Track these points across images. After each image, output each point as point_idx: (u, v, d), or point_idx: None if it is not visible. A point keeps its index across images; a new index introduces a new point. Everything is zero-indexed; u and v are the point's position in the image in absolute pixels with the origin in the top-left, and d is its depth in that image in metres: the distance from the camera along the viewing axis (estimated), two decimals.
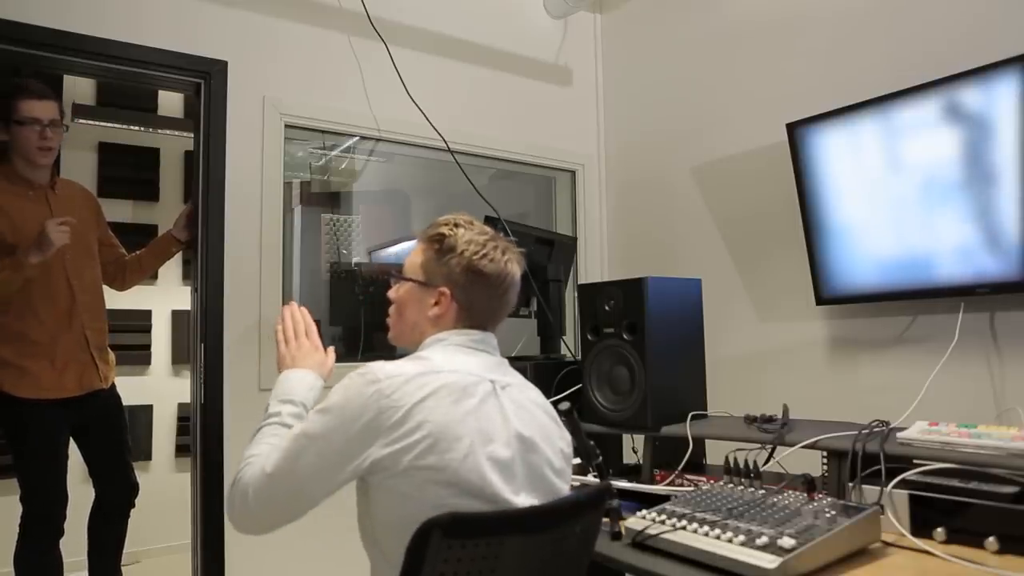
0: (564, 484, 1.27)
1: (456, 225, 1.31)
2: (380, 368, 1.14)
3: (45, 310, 2.35)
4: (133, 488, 2.58)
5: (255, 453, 1.20)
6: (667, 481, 1.86)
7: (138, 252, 2.75)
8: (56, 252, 2.28)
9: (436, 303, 1.29)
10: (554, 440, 1.27)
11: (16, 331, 2.31)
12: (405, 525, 1.02)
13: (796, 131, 2.31)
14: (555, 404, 1.39)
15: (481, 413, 1.16)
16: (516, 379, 1.30)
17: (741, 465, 1.58)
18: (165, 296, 4.28)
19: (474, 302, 1.29)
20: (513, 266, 1.32)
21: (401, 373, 1.14)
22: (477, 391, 1.18)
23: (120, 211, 4.13)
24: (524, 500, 1.16)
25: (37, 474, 2.33)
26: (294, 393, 1.31)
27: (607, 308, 2.02)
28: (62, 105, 2.50)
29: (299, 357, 1.38)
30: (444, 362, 1.20)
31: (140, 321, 4.26)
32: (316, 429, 1.12)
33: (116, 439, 2.57)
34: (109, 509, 2.55)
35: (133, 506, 2.59)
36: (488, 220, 2.42)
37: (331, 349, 1.45)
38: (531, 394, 1.29)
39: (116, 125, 4.19)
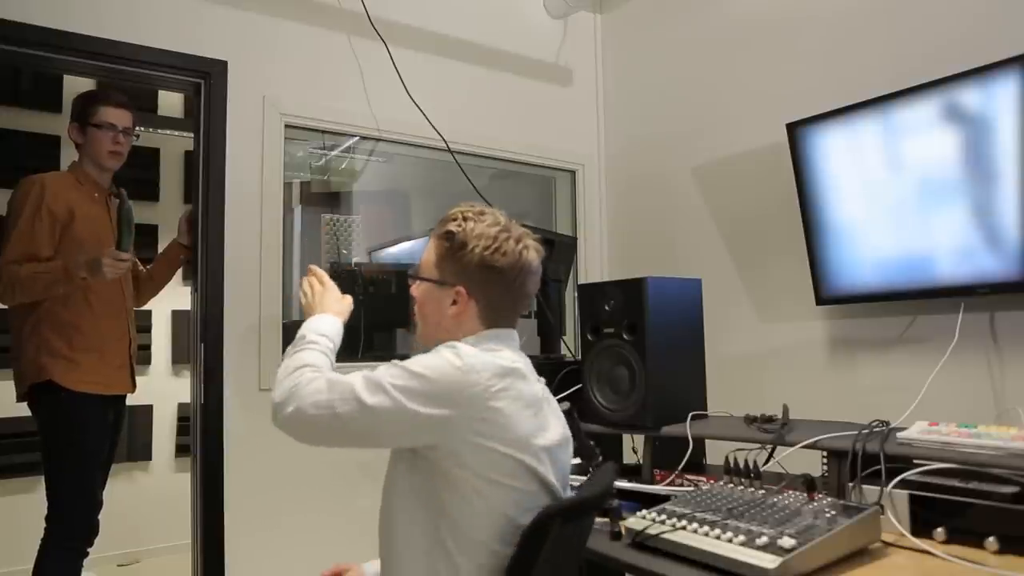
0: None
1: (465, 219, 1.29)
2: (462, 348, 1.15)
3: (100, 307, 2.36)
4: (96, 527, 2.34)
5: (312, 365, 1.19)
6: (667, 481, 1.86)
7: (148, 267, 2.78)
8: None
9: (454, 302, 1.27)
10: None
11: (71, 323, 2.30)
12: (492, 515, 1.12)
13: (796, 131, 2.30)
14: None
15: (541, 406, 1.22)
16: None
17: (741, 465, 1.58)
18: (165, 296, 4.25)
19: (492, 298, 1.28)
20: (529, 252, 1.30)
21: (481, 357, 1.15)
22: (537, 386, 1.24)
23: None
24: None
25: (83, 475, 2.24)
26: (326, 331, 1.32)
27: (607, 308, 2.02)
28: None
29: (323, 303, 1.41)
30: (506, 355, 1.24)
31: (140, 321, 4.21)
32: (400, 382, 1.11)
33: (111, 456, 2.48)
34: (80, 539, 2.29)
35: (92, 545, 2.33)
36: None
37: (348, 298, 1.47)
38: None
39: None
